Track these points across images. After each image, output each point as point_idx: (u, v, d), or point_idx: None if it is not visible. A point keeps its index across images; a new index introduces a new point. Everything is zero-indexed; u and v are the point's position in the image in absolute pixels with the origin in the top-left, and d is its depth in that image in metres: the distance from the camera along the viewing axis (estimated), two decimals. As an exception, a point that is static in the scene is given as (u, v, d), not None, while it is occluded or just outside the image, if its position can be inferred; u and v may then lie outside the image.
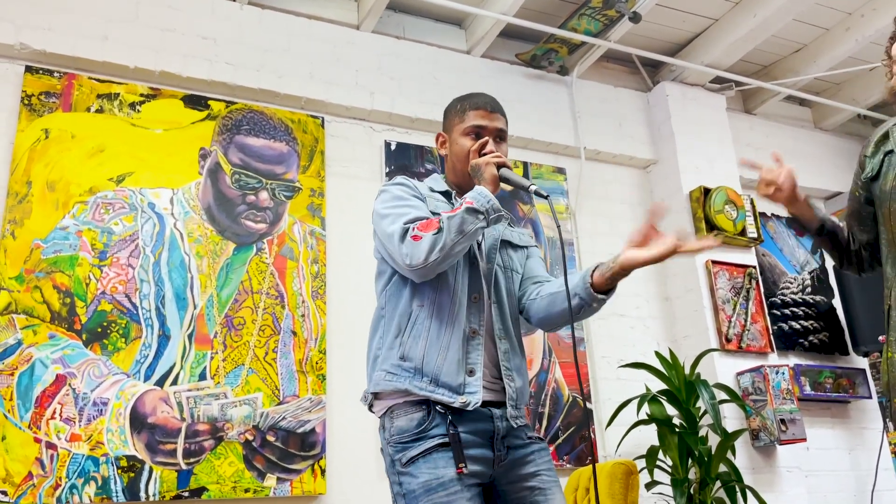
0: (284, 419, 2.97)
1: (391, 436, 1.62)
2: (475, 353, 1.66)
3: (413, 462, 1.56)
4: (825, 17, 4.09)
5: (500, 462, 1.63)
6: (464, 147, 1.78)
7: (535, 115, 3.95)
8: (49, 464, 2.60)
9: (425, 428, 1.58)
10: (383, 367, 1.67)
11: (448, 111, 1.88)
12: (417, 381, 1.62)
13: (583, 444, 3.48)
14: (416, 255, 1.59)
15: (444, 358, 1.63)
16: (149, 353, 2.85)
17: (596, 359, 3.71)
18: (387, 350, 1.68)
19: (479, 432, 1.61)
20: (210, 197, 3.15)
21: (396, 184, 1.79)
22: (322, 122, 3.46)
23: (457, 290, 1.69)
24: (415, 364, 1.63)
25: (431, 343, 1.64)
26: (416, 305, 1.68)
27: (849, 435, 4.19)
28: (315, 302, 3.18)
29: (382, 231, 1.69)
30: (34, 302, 2.75)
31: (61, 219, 2.88)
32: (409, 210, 1.69)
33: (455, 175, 1.83)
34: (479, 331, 1.68)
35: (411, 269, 1.61)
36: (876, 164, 1.77)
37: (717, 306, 3.81)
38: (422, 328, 1.66)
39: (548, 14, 3.85)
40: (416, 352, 1.64)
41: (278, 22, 3.51)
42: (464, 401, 1.60)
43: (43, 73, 3.02)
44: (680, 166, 4.07)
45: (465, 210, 1.61)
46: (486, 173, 1.70)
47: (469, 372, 1.64)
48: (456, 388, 1.61)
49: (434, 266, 1.60)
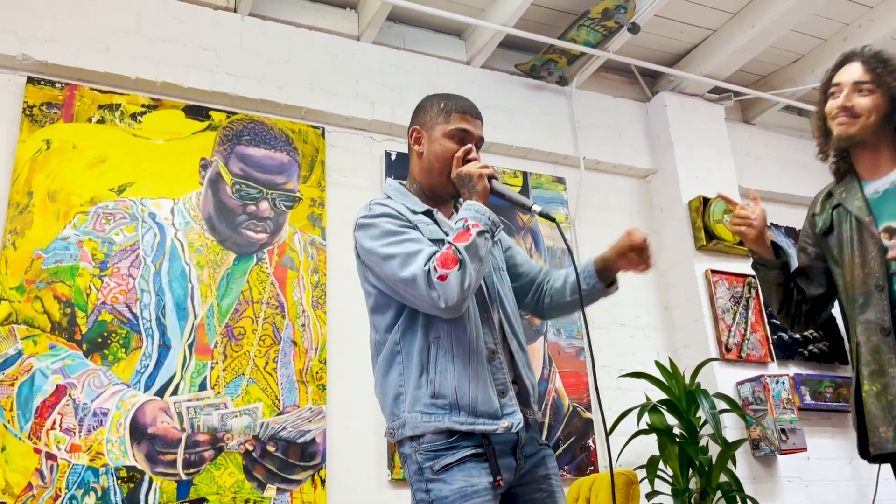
0: (284, 429, 2.96)
1: (420, 444, 1.59)
2: (500, 373, 1.65)
3: (447, 470, 1.55)
4: (823, 27, 4.11)
5: (521, 470, 1.65)
6: (447, 149, 1.74)
7: (534, 125, 3.97)
8: (49, 474, 2.60)
9: (457, 438, 1.58)
10: (416, 408, 1.61)
11: (426, 108, 1.83)
12: (456, 417, 1.59)
13: (583, 454, 3.47)
14: (449, 296, 1.54)
15: (476, 387, 1.61)
16: (149, 363, 2.85)
17: (596, 368, 3.70)
18: (414, 389, 1.63)
19: (505, 443, 1.62)
20: (211, 207, 3.15)
21: (380, 215, 1.72)
22: (322, 132, 3.48)
23: (470, 314, 1.66)
24: (448, 401, 1.59)
25: (459, 375, 1.61)
26: (432, 338, 1.64)
27: (849, 444, 4.18)
28: (315, 312, 3.18)
29: (392, 275, 1.62)
30: (35, 312, 2.75)
31: (62, 229, 2.88)
32: (416, 246, 1.63)
33: (429, 176, 1.79)
34: (497, 349, 1.67)
35: (446, 310, 1.56)
36: (827, 218, 1.90)
37: (717, 316, 3.81)
38: (445, 362, 1.62)
39: (547, 25, 3.87)
40: (447, 387, 1.60)
41: (279, 33, 3.53)
42: (506, 425, 1.59)
43: (45, 83, 3.04)
44: (679, 176, 4.09)
45: (476, 235, 1.59)
46: (478, 186, 1.67)
47: (500, 393, 1.63)
48: (494, 414, 1.60)
49: (467, 301, 1.58)
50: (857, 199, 1.84)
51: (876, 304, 1.75)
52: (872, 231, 1.77)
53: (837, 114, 1.83)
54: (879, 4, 3.96)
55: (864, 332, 1.77)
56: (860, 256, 1.80)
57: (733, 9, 3.92)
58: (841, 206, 1.87)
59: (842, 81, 1.86)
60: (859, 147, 1.85)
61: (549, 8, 3.80)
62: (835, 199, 1.90)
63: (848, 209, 1.84)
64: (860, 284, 1.79)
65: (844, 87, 1.84)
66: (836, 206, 1.88)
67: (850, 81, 1.83)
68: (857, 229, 1.81)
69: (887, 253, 1.73)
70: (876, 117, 1.80)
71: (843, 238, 1.85)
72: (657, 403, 3.34)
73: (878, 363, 1.73)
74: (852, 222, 1.83)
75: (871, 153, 1.84)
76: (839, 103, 1.83)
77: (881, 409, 1.72)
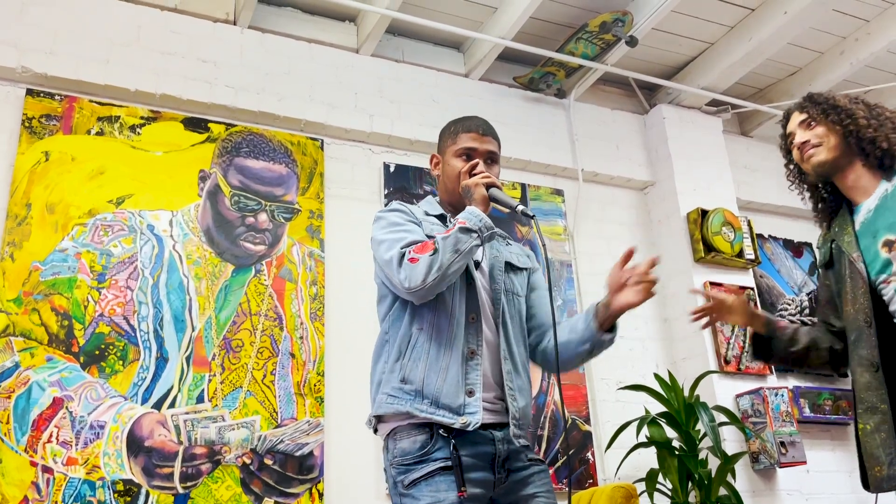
0: (282, 442, 2.95)
1: (394, 457, 1.63)
2: (474, 374, 1.68)
3: (415, 484, 1.57)
4: (820, 40, 4.14)
5: (501, 485, 1.65)
6: (455, 168, 1.84)
7: (533, 137, 3.97)
8: (45, 488, 2.58)
9: (428, 450, 1.60)
10: (385, 390, 1.69)
11: (442, 133, 1.94)
12: (418, 404, 1.63)
13: (582, 468, 3.46)
14: (413, 277, 1.63)
15: (444, 379, 1.65)
16: (146, 375, 2.84)
17: (595, 381, 3.70)
18: (388, 373, 1.70)
19: (480, 455, 1.62)
20: (209, 219, 3.15)
21: (392, 210, 1.83)
22: (321, 145, 3.48)
23: (454, 311, 1.71)
24: (415, 386, 1.65)
25: (431, 365, 1.66)
26: (415, 328, 1.71)
27: (849, 457, 4.17)
28: (313, 324, 3.17)
29: (380, 257, 1.73)
30: (32, 324, 2.74)
31: (60, 241, 2.88)
32: (406, 234, 1.73)
33: (448, 195, 1.89)
34: (478, 351, 1.70)
35: (410, 291, 1.64)
36: (826, 251, 1.94)
37: (716, 328, 3.81)
38: (421, 351, 1.68)
39: (545, 38, 3.88)
40: (417, 374, 1.66)
41: (279, 45, 3.54)
42: (464, 421, 1.61)
43: (44, 96, 3.04)
44: (677, 188, 4.09)
45: (458, 230, 1.65)
46: (475, 193, 1.74)
47: (468, 392, 1.65)
48: (456, 410, 1.63)
49: (433, 287, 1.63)
50: (846, 233, 1.88)
51: (866, 339, 1.78)
52: (859, 268, 1.81)
53: (802, 152, 1.92)
54: (875, 18, 3.99)
55: (857, 369, 1.80)
56: (851, 292, 1.83)
57: (731, 22, 3.94)
58: (835, 241, 1.91)
59: (791, 130, 1.98)
60: (838, 173, 1.89)
61: (548, 21, 3.82)
62: (831, 235, 1.95)
63: (840, 246, 1.88)
64: (852, 320, 1.82)
65: (795, 132, 1.96)
66: (832, 240, 1.93)
67: (796, 125, 1.96)
68: (847, 266, 1.85)
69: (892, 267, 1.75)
70: (836, 139, 1.87)
71: (840, 273, 1.88)
72: (656, 416, 3.33)
73: (870, 400, 1.76)
74: (844, 259, 1.86)
75: (852, 175, 1.88)
76: (797, 142, 1.93)
77: (877, 447, 1.74)
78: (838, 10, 3.87)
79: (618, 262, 1.75)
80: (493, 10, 3.72)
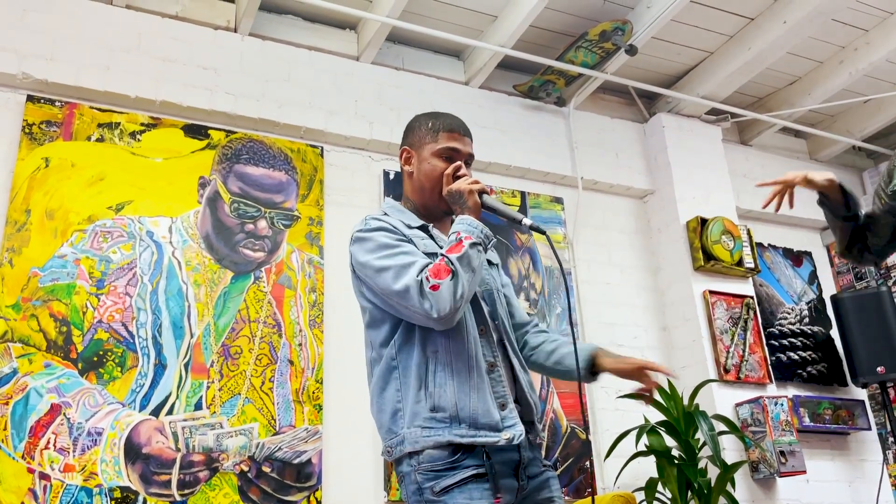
0: (280, 450, 2.94)
1: (421, 463, 1.58)
2: (499, 386, 1.65)
3: (447, 491, 1.54)
4: (819, 50, 4.15)
5: (523, 492, 1.64)
6: (436, 168, 1.76)
7: (532, 145, 3.98)
8: (42, 495, 2.57)
9: (459, 458, 1.56)
10: (416, 423, 1.60)
11: (415, 127, 1.84)
12: (457, 430, 1.58)
13: (581, 476, 3.45)
14: (441, 306, 1.55)
15: (476, 399, 1.60)
16: (145, 382, 2.83)
17: (594, 389, 3.69)
18: (413, 404, 1.62)
19: (507, 462, 1.61)
20: (209, 225, 3.15)
21: (376, 229, 1.71)
22: (321, 152, 3.48)
23: (467, 327, 1.66)
24: (449, 413, 1.59)
25: (459, 388, 1.61)
26: (430, 352, 1.64)
27: (849, 467, 4.16)
28: (312, 331, 3.17)
29: (387, 286, 1.62)
30: (30, 330, 2.74)
31: (59, 247, 2.88)
32: (410, 258, 1.63)
33: (421, 195, 1.80)
34: (497, 362, 1.67)
35: (439, 320, 1.56)
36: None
37: (716, 336, 3.81)
38: (444, 375, 1.62)
39: (545, 46, 3.89)
40: (447, 400, 1.60)
41: (279, 53, 3.55)
42: (507, 437, 1.59)
43: (44, 102, 3.04)
44: (677, 196, 4.09)
45: (469, 246, 1.60)
46: (469, 201, 1.68)
47: (500, 406, 1.63)
48: (495, 426, 1.59)
49: (459, 311, 1.58)
50: None
51: None
52: None
53: None
54: (874, 28, 4.00)
55: None
56: None
57: (730, 31, 3.95)
58: None
59: None
60: None
61: (548, 30, 3.83)
62: None
63: None
64: None
65: None
66: None
67: None
68: None
69: None
70: None
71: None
72: (655, 425, 3.32)
73: None
74: None
75: None
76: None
77: None
78: (837, 20, 3.88)
79: (641, 365, 1.86)
80: (493, 19, 3.73)
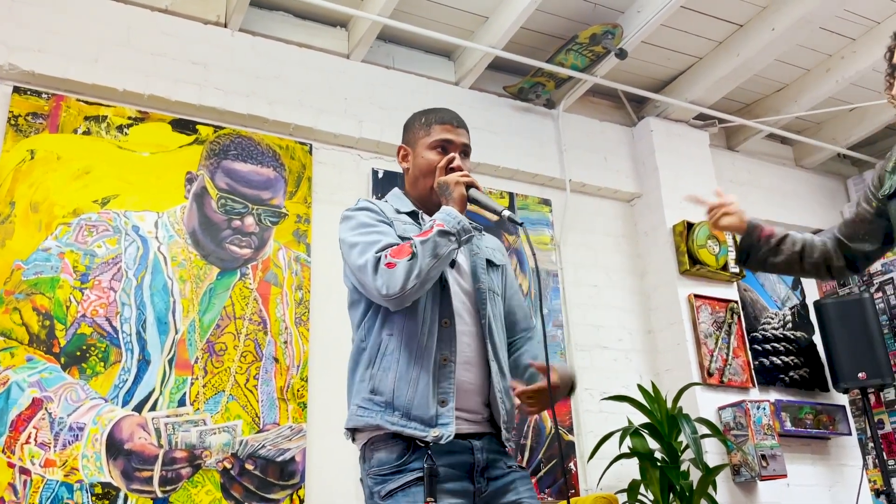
0: (264, 447, 2.93)
1: (371, 467, 1.60)
2: (446, 382, 1.62)
3: (391, 496, 1.54)
4: (806, 58, 4.18)
5: (481, 494, 1.61)
6: (430, 161, 1.76)
7: (521, 146, 3.99)
8: (22, 489, 2.54)
9: (405, 461, 1.56)
10: (355, 401, 1.64)
11: (410, 124, 1.86)
12: (388, 416, 1.59)
13: (564, 478, 3.46)
14: (392, 283, 1.55)
15: (415, 390, 1.59)
16: (128, 377, 2.81)
17: (579, 391, 3.70)
18: (358, 383, 1.65)
19: (457, 465, 1.59)
20: (195, 221, 3.14)
21: (361, 209, 1.74)
22: (310, 149, 3.48)
23: (426, 317, 1.65)
24: (385, 398, 1.60)
25: (401, 375, 1.60)
26: (385, 335, 1.65)
27: (829, 472, 4.20)
28: (298, 329, 3.16)
29: (353, 262, 1.64)
30: (13, 324, 2.71)
31: (44, 240, 2.85)
32: (379, 237, 1.64)
33: (417, 189, 1.81)
34: (451, 358, 1.64)
35: (388, 298, 1.57)
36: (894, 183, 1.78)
37: (700, 340, 3.83)
38: (391, 359, 1.62)
39: (536, 48, 3.90)
40: (387, 385, 1.60)
41: (269, 49, 3.54)
42: (436, 434, 1.57)
43: (31, 94, 3.02)
44: (664, 200, 4.12)
45: (437, 233, 1.58)
46: (454, 193, 1.67)
47: (441, 402, 1.60)
48: (428, 421, 1.58)
49: (412, 293, 1.57)
50: None
51: None
52: None
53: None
54: (861, 37, 4.04)
55: None
56: None
57: (719, 37, 3.97)
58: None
59: None
60: None
61: (539, 32, 3.84)
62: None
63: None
64: None
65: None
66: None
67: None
68: None
69: None
70: None
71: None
72: (639, 427, 3.34)
73: None
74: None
75: None
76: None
77: None
78: (825, 28, 3.92)
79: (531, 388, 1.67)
80: (484, 20, 3.74)
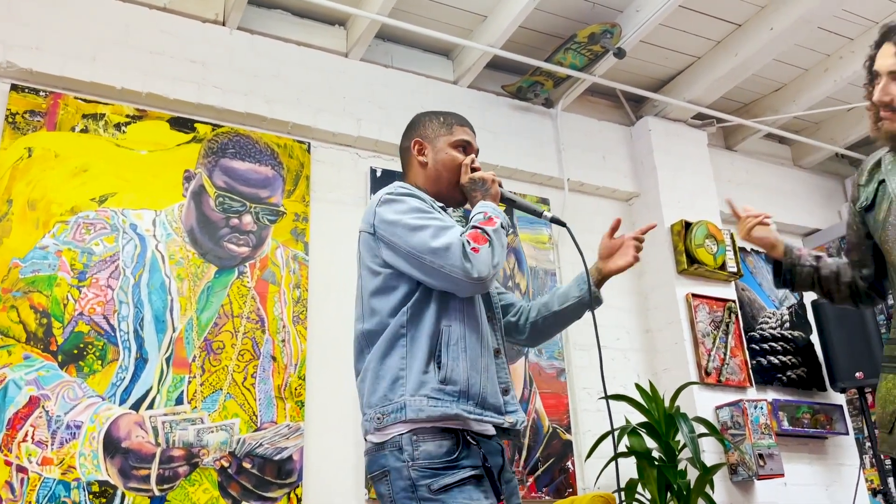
0: (261, 446, 2.93)
1: (415, 459, 1.55)
2: (503, 372, 1.69)
3: (447, 490, 1.52)
4: (805, 58, 4.19)
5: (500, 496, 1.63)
6: (455, 158, 1.84)
7: (520, 145, 3.99)
8: (19, 488, 2.54)
9: (457, 457, 1.55)
10: (422, 392, 1.57)
11: (427, 121, 1.91)
12: (465, 405, 1.57)
13: (562, 476, 3.46)
14: (480, 267, 1.58)
15: (487, 378, 1.62)
16: (125, 375, 2.81)
17: (576, 390, 3.71)
18: (419, 374, 1.59)
19: (495, 466, 1.62)
20: (193, 219, 3.13)
21: (407, 194, 1.73)
22: (308, 148, 3.47)
23: (480, 308, 1.71)
24: (459, 387, 1.58)
25: (472, 364, 1.61)
26: (444, 325, 1.63)
27: (826, 471, 4.20)
28: (296, 327, 3.16)
29: (421, 244, 1.61)
30: (10, 322, 2.71)
31: (41, 238, 2.85)
32: (446, 221, 1.67)
33: (437, 183, 1.85)
34: (501, 349, 1.72)
35: (477, 281, 1.58)
36: (870, 193, 1.77)
37: (697, 339, 3.83)
38: (458, 350, 1.61)
39: (534, 47, 3.90)
40: (459, 374, 1.58)
41: (268, 47, 3.53)
42: (511, 420, 1.62)
43: (29, 91, 3.01)
44: (662, 200, 4.12)
45: (500, 225, 1.67)
46: (492, 189, 1.79)
47: (504, 391, 1.66)
48: (499, 409, 1.62)
49: (492, 280, 1.63)
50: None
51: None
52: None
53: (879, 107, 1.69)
54: (860, 37, 4.04)
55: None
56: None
57: (717, 37, 3.98)
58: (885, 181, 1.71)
59: (878, 69, 1.69)
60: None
61: (537, 31, 3.84)
62: (881, 173, 1.74)
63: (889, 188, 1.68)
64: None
65: (882, 76, 1.67)
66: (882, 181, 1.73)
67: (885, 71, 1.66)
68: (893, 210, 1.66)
69: None
70: None
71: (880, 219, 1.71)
72: (637, 426, 3.34)
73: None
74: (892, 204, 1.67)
75: None
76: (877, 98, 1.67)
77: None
78: (823, 27, 3.92)
79: (607, 231, 1.93)
80: (482, 19, 3.74)
